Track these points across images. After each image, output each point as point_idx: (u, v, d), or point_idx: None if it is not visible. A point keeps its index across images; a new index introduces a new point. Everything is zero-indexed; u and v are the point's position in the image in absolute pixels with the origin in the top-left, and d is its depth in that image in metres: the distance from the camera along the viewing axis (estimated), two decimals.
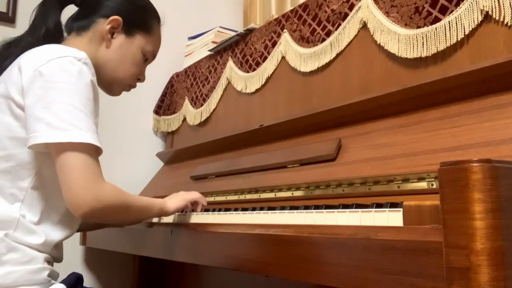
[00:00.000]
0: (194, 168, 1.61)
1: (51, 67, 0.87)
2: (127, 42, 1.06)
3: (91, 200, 0.84)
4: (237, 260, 0.87)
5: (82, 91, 0.87)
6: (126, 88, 1.12)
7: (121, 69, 1.06)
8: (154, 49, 1.13)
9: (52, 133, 0.83)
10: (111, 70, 1.05)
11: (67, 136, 0.83)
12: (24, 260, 0.87)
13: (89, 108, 0.88)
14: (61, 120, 0.84)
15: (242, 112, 1.60)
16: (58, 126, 0.83)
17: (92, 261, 1.90)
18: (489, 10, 0.90)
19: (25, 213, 0.90)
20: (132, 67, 1.08)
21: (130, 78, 1.09)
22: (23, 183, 0.90)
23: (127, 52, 1.06)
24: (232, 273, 1.57)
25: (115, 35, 1.05)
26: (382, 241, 0.60)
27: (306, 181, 1.08)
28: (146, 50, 1.09)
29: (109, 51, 1.04)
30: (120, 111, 1.97)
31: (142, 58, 1.09)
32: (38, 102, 0.85)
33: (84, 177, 0.84)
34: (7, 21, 1.80)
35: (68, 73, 0.87)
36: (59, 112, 0.84)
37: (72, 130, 0.84)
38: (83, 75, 0.88)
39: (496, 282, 0.47)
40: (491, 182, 0.49)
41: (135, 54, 1.07)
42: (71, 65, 0.88)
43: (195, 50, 1.97)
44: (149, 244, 1.22)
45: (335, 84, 1.25)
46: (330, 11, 1.27)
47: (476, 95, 0.87)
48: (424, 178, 0.83)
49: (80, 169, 0.84)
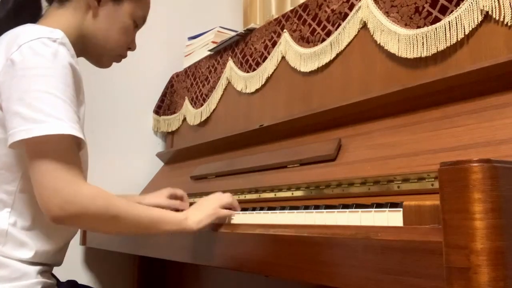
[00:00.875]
0: (194, 168, 1.61)
1: (22, 53, 0.78)
2: (115, 9, 0.97)
3: (63, 204, 0.74)
4: (237, 260, 0.87)
5: (59, 75, 0.78)
6: (116, 58, 1.04)
7: (111, 39, 0.98)
8: (144, 13, 1.04)
9: (28, 128, 0.74)
10: (100, 40, 0.97)
11: (43, 129, 0.74)
12: (14, 277, 0.83)
13: (68, 94, 0.78)
14: (36, 111, 0.75)
15: (242, 112, 1.60)
16: (33, 119, 0.74)
17: (92, 261, 1.89)
18: (489, 10, 0.90)
19: (15, 219, 0.85)
20: (122, 36, 1.00)
21: (121, 48, 1.01)
22: (10, 186, 0.84)
23: (116, 19, 0.97)
24: (232, 273, 1.57)
25: (102, 2, 0.96)
26: (382, 241, 0.60)
27: (306, 181, 1.08)
28: (136, 15, 1.00)
29: (96, 21, 0.96)
30: (120, 111, 1.97)
31: (132, 25, 1.01)
32: (13, 94, 0.77)
33: (56, 178, 0.75)
34: None
35: (42, 57, 0.78)
36: (34, 101, 0.75)
37: (49, 121, 0.74)
38: (59, 58, 0.79)
39: (496, 282, 0.47)
40: (491, 182, 0.49)
41: (125, 21, 0.99)
42: (45, 47, 0.79)
43: (195, 50, 1.97)
44: (149, 244, 1.22)
45: (335, 84, 1.25)
46: (330, 11, 1.27)
47: (476, 95, 0.87)
48: (424, 178, 0.83)
49: (52, 169, 0.75)
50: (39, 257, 0.87)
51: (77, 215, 0.75)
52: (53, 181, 0.75)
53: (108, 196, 0.80)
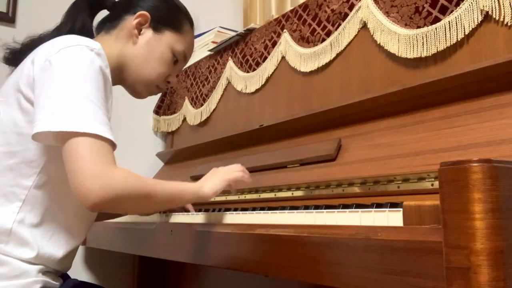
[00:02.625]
0: (194, 168, 1.61)
1: (61, 56, 0.82)
2: (155, 38, 1.00)
3: (99, 190, 0.75)
4: (237, 260, 0.87)
5: (92, 80, 0.81)
6: (153, 89, 1.06)
7: (147, 67, 1.00)
8: (186, 50, 1.06)
9: (56, 121, 0.76)
10: (137, 67, 1.00)
11: (72, 125, 0.76)
12: (13, 275, 0.83)
13: (99, 98, 0.81)
14: (68, 110, 0.77)
15: (242, 112, 1.60)
16: (63, 115, 0.77)
17: (92, 261, 1.90)
18: (489, 10, 0.90)
19: (24, 216, 0.85)
20: (159, 66, 1.02)
21: (158, 77, 1.03)
22: (26, 181, 0.85)
23: (154, 48, 1.00)
24: (232, 273, 1.57)
25: (143, 31, 1.00)
26: (382, 241, 0.60)
27: (306, 181, 1.08)
28: (175, 49, 1.03)
29: (136, 47, 0.99)
30: (120, 111, 1.96)
31: (171, 57, 1.03)
32: (44, 91, 0.79)
33: (90, 165, 0.75)
34: (7, 21, 1.80)
35: (78, 61, 0.81)
36: (65, 100, 0.78)
37: (78, 119, 0.77)
38: (94, 64, 0.82)
39: (496, 282, 0.47)
40: (491, 182, 0.49)
41: (164, 51, 1.01)
42: (82, 53, 0.82)
43: (195, 50, 1.97)
44: (149, 244, 1.22)
45: (335, 84, 1.25)
46: (330, 11, 1.27)
47: (476, 95, 0.87)
48: (424, 178, 0.83)
49: (85, 156, 0.76)
50: (40, 259, 0.87)
51: (115, 198, 0.76)
52: (90, 166, 0.76)
53: (138, 176, 0.82)
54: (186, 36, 1.07)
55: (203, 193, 0.92)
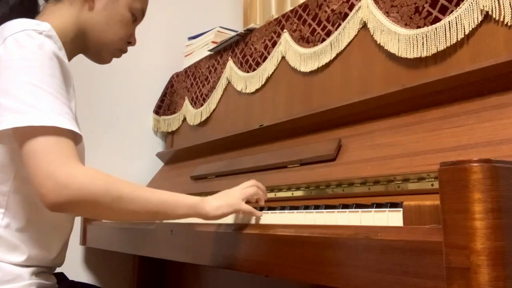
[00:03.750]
0: (194, 168, 1.61)
1: (8, 45, 0.76)
2: (112, 1, 0.95)
3: (58, 188, 0.69)
4: (237, 260, 0.87)
5: (44, 67, 0.75)
6: (116, 53, 1.01)
7: (109, 32, 0.95)
8: (143, 6, 1.01)
9: (10, 118, 0.71)
10: (98, 34, 0.95)
11: (26, 120, 0.71)
12: (6, 279, 0.81)
13: (54, 86, 0.75)
14: (19, 101, 0.72)
15: (242, 112, 1.60)
16: (16, 109, 0.71)
17: (92, 261, 1.89)
18: (489, 10, 0.90)
19: (9, 221, 0.83)
20: (121, 29, 0.97)
21: (120, 41, 0.98)
22: (3, 187, 0.82)
23: (113, 11, 0.95)
24: (232, 273, 1.57)
25: None
26: (382, 241, 0.60)
27: (306, 181, 1.08)
28: (134, 7, 0.98)
29: (93, 13, 0.93)
30: (120, 111, 1.97)
31: (130, 18, 0.98)
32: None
33: (47, 163, 0.70)
34: None
35: (26, 48, 0.76)
36: (17, 93, 0.72)
37: (31, 112, 0.71)
38: (44, 49, 0.77)
39: (496, 282, 0.47)
40: (491, 182, 0.49)
41: (123, 13, 0.96)
42: (30, 38, 0.77)
43: (195, 50, 1.97)
44: (149, 244, 1.22)
45: (335, 84, 1.25)
46: (330, 11, 1.27)
47: (476, 95, 0.87)
48: (424, 178, 0.83)
49: (42, 154, 0.70)
50: (32, 261, 0.85)
51: (75, 199, 0.70)
52: (46, 165, 0.70)
53: (108, 176, 0.74)
54: None
55: (203, 209, 0.83)
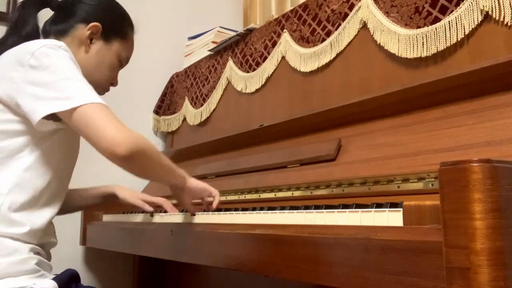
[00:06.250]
0: (194, 168, 1.61)
1: (37, 57, 0.90)
2: (105, 48, 1.10)
3: (129, 138, 0.87)
4: (237, 260, 0.87)
5: (71, 64, 0.92)
6: (100, 92, 1.14)
7: (97, 73, 1.10)
8: (128, 55, 1.18)
9: (62, 103, 0.87)
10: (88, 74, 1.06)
11: (78, 101, 0.87)
12: (5, 253, 0.87)
13: (82, 78, 0.92)
14: (67, 92, 0.88)
15: (242, 112, 1.60)
16: (66, 97, 0.87)
17: (92, 261, 1.89)
18: (489, 10, 0.90)
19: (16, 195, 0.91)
20: (108, 72, 1.12)
21: (106, 82, 1.14)
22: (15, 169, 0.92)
23: (104, 57, 1.10)
24: (232, 273, 1.57)
25: (94, 41, 1.09)
26: (382, 241, 0.60)
27: (306, 181, 1.08)
28: (121, 56, 1.14)
29: (87, 56, 1.08)
30: (120, 111, 1.96)
31: (117, 63, 1.14)
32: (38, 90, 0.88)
33: (114, 122, 0.88)
34: (7, 21, 1.80)
35: (54, 56, 0.91)
36: (62, 87, 0.88)
37: (79, 97, 0.88)
38: (66, 54, 0.93)
39: (496, 282, 0.47)
40: (491, 182, 0.49)
41: (112, 59, 1.12)
42: (54, 50, 0.92)
43: (195, 50, 1.97)
44: (149, 244, 1.22)
45: (335, 84, 1.25)
46: (330, 11, 1.27)
47: (476, 95, 0.87)
48: (424, 178, 0.83)
49: (102, 118, 0.87)
50: (31, 236, 0.92)
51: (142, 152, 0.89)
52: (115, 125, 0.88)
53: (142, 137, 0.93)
54: (130, 41, 1.17)
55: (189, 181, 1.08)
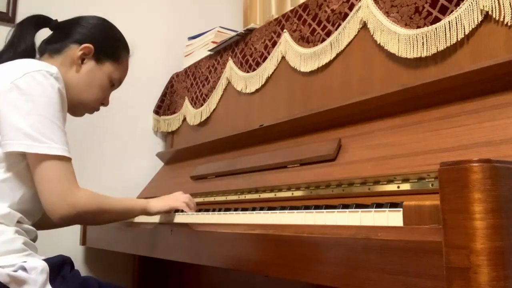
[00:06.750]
0: (194, 168, 1.61)
1: (27, 81, 0.94)
2: (96, 68, 1.13)
3: (66, 207, 0.92)
4: (237, 260, 0.87)
5: (55, 103, 0.95)
6: (89, 110, 1.18)
7: (87, 93, 1.13)
8: (121, 77, 1.20)
9: (31, 144, 0.91)
10: (78, 92, 1.11)
11: (44, 149, 0.91)
12: None
13: (61, 119, 0.96)
14: (38, 132, 0.92)
15: (242, 112, 1.60)
16: (36, 138, 0.91)
17: (92, 261, 1.90)
18: (489, 10, 0.90)
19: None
20: (98, 92, 1.14)
21: (95, 102, 1.16)
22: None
23: (95, 77, 1.13)
24: (232, 273, 1.57)
25: (86, 61, 1.12)
26: (382, 241, 0.60)
27: (306, 181, 1.08)
28: (113, 77, 1.16)
29: (78, 75, 1.11)
30: (120, 111, 1.97)
31: (108, 84, 1.16)
32: (16, 112, 0.92)
33: (59, 187, 0.93)
34: (7, 21, 1.80)
35: (43, 87, 0.94)
36: (37, 124, 0.92)
37: (48, 143, 0.92)
38: (55, 88, 0.96)
39: (496, 282, 0.47)
40: (491, 182, 0.49)
41: (102, 79, 1.14)
42: (45, 78, 0.95)
43: (195, 50, 1.97)
44: (149, 244, 1.22)
45: (335, 84, 1.25)
46: (330, 11, 1.27)
47: (476, 95, 0.87)
48: (424, 178, 0.83)
49: (55, 179, 0.92)
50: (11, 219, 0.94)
51: (78, 214, 0.94)
52: (58, 190, 0.93)
53: (97, 195, 0.99)
54: (123, 64, 1.20)
55: (149, 209, 1.11)
